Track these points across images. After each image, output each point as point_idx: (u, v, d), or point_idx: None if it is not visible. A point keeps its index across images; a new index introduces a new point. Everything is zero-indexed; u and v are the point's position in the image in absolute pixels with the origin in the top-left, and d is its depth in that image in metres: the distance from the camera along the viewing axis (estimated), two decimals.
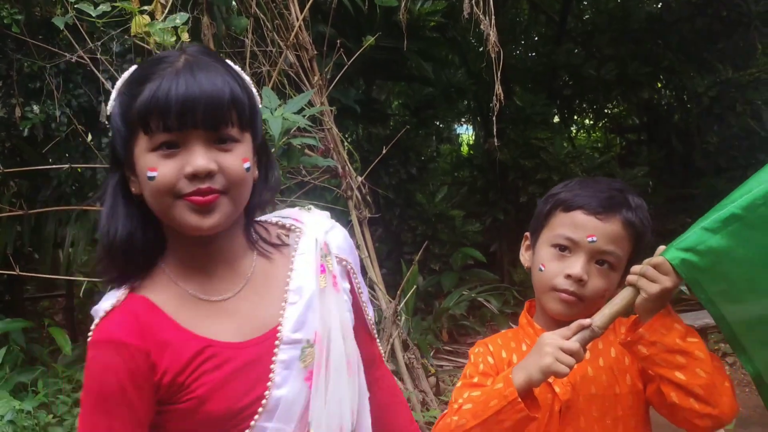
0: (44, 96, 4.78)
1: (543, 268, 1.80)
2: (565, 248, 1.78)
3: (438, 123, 10.81)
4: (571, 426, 1.76)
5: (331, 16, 5.51)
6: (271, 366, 1.45)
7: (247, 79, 1.51)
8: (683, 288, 1.75)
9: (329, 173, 5.49)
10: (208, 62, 1.42)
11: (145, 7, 3.76)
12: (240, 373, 1.44)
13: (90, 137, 5.07)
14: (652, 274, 1.61)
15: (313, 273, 1.51)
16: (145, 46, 3.75)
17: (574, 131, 13.18)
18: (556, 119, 10.67)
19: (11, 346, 5.14)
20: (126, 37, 4.19)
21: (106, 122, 4.73)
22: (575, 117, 12.82)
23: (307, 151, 4.90)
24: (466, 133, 12.91)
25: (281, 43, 5.04)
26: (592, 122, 13.44)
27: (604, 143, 12.53)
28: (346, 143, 5.52)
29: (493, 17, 4.20)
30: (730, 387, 1.67)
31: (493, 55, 4.12)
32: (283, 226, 1.57)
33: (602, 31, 9.72)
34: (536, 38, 12.27)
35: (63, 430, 4.47)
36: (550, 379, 1.72)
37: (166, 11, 4.01)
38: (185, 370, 1.41)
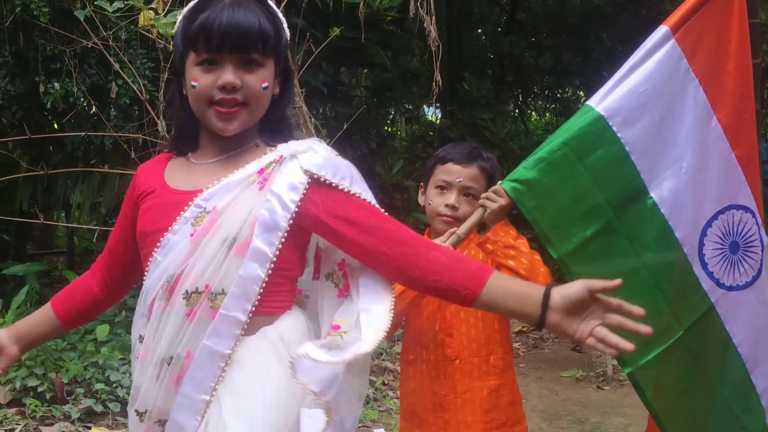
0: (63, 75, 5.30)
1: (431, 203, 2.44)
2: (443, 188, 2.42)
3: (395, 104, 11.29)
4: (454, 304, 2.28)
5: (303, 10, 6.12)
6: (177, 217, 1.70)
7: (280, 16, 1.76)
8: None
9: None
10: (248, 2, 1.70)
11: (151, 5, 4.35)
12: (159, 207, 1.76)
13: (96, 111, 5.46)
14: (493, 196, 2.29)
15: (250, 171, 1.71)
16: (149, 35, 4.26)
17: (533, 115, 13.73)
18: (511, 104, 11.25)
19: (31, 286, 5.70)
20: (132, 27, 4.69)
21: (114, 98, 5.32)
22: (529, 100, 13.46)
23: None
24: (434, 114, 13.40)
25: None
26: (544, 106, 14.08)
27: (554, 126, 13.18)
28: (313, 119, 6.14)
29: (433, 16, 4.83)
30: (546, 272, 2.31)
31: (433, 49, 4.74)
32: (274, 146, 1.76)
33: (543, 24, 10.42)
34: (488, 27, 12.87)
35: (75, 354, 4.94)
36: None
37: (167, 7, 4.60)
38: (141, 197, 1.81)
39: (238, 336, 1.66)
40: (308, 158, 1.69)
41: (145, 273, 1.75)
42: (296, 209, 1.67)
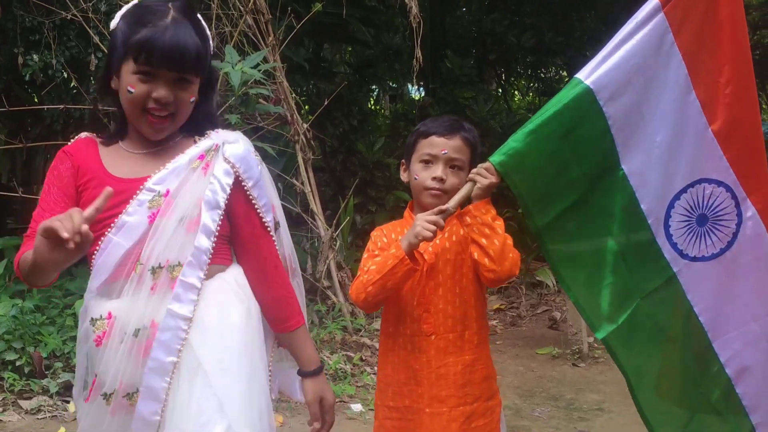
0: (42, 47, 5.24)
1: (417, 177, 2.43)
2: (428, 162, 2.42)
3: (378, 81, 11.30)
4: (433, 280, 2.39)
5: None
6: (130, 200, 1.90)
7: (208, 32, 1.99)
8: None
9: (280, 120, 6.09)
10: (187, 24, 1.88)
11: None
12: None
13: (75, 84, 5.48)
14: (484, 172, 2.29)
15: (190, 157, 1.95)
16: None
17: (516, 94, 13.70)
18: (494, 83, 11.21)
19: (10, 260, 5.52)
20: None
21: (93, 70, 5.27)
22: (512, 80, 13.45)
23: (261, 100, 5.53)
24: (418, 92, 13.38)
25: (241, 8, 5.64)
26: (527, 85, 14.06)
27: (537, 105, 13.18)
28: (294, 95, 6.14)
29: None
30: (514, 258, 2.33)
31: (414, 25, 4.76)
32: (204, 135, 2.01)
33: (527, 3, 10.41)
34: (472, 6, 12.83)
35: (54, 328, 4.97)
36: (422, 249, 2.35)
37: None
38: (83, 185, 1.94)
39: (196, 301, 1.91)
40: (232, 148, 1.99)
41: (95, 252, 1.91)
42: (229, 191, 1.96)
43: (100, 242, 1.89)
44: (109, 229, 1.89)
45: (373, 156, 8.71)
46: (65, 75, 5.34)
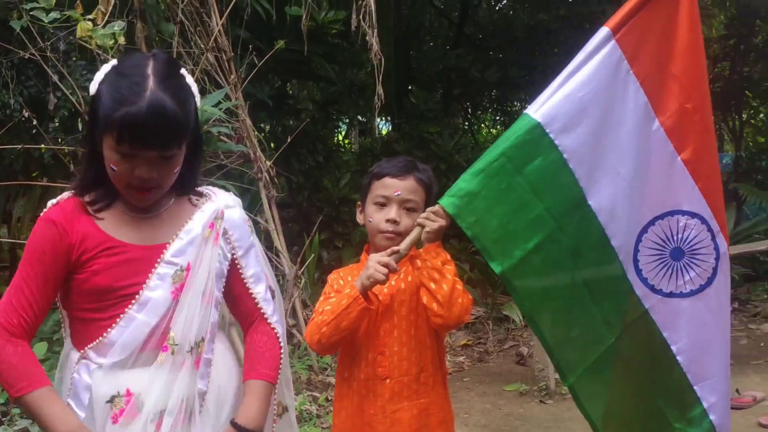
0: (0, 86, 5.17)
1: (371, 220, 2.41)
2: (382, 204, 2.39)
3: (345, 117, 11.36)
4: (388, 321, 2.37)
5: (245, 21, 5.98)
6: (150, 274, 1.86)
7: (193, 87, 1.88)
8: None
9: (243, 158, 6.06)
10: (168, 96, 1.75)
11: (89, 16, 4.27)
12: (126, 264, 1.85)
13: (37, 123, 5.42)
14: (432, 216, 2.27)
15: (203, 225, 1.93)
16: (88, 46, 4.22)
17: (484, 128, 13.76)
18: (460, 117, 11.26)
19: None
20: (71, 38, 4.54)
21: (52, 111, 5.20)
22: (478, 113, 13.52)
23: (223, 138, 5.49)
24: (386, 127, 13.42)
25: (203, 46, 5.62)
26: (493, 119, 14.15)
27: None
28: (256, 133, 6.10)
29: (375, 29, 4.85)
30: (464, 303, 2.28)
31: (375, 62, 4.76)
32: (200, 193, 2.00)
33: (491, 38, 10.52)
34: (438, 41, 12.95)
35: None
36: (377, 290, 2.32)
37: (106, 17, 4.54)
38: (89, 253, 1.84)
39: (210, 373, 1.96)
40: (230, 213, 1.99)
41: (112, 327, 1.86)
42: (230, 257, 1.98)
43: (119, 318, 1.85)
44: (130, 305, 1.86)
45: (339, 192, 8.71)
46: (24, 115, 5.26)
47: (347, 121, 12.63)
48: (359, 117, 11.81)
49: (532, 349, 6.34)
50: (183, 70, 1.90)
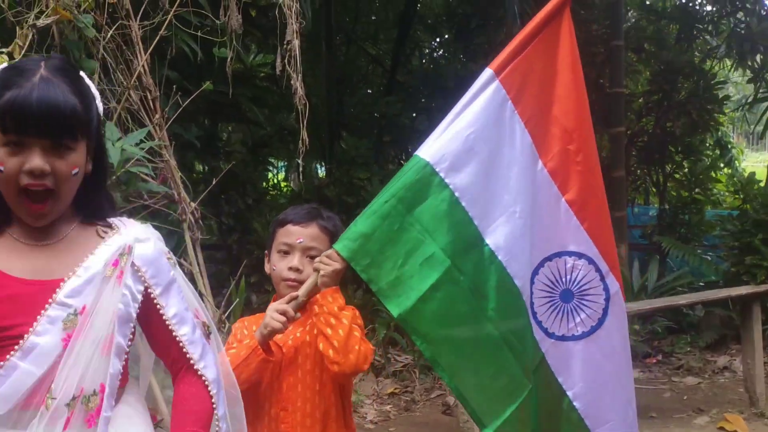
0: None
1: (275, 268, 2.35)
2: (286, 252, 2.35)
3: (279, 159, 11.30)
4: (292, 375, 2.28)
5: (173, 61, 5.94)
6: (38, 317, 1.61)
7: (93, 91, 1.72)
8: None
9: (168, 199, 5.92)
10: (60, 81, 1.61)
11: (3, 49, 4.15)
12: (7, 301, 1.62)
13: None
14: (326, 260, 2.22)
15: (104, 261, 1.69)
16: None
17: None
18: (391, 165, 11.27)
19: None
20: None
21: None
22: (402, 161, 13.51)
23: (147, 178, 5.35)
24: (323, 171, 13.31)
25: (125, 83, 5.50)
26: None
27: None
28: (180, 174, 5.96)
29: (300, 74, 4.79)
30: (362, 351, 2.19)
31: (299, 107, 4.70)
32: (110, 225, 1.77)
33: (423, 86, 10.60)
34: (373, 88, 13.03)
35: None
36: (282, 342, 2.26)
37: (23, 51, 4.40)
38: None
39: None
40: (141, 248, 1.74)
41: None
42: (142, 298, 1.73)
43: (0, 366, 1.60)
44: (12, 351, 1.60)
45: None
46: None
47: (286, 163, 12.53)
48: (298, 160, 11.72)
49: (457, 400, 6.27)
50: (83, 74, 1.75)
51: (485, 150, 2.30)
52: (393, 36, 11.91)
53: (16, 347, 1.61)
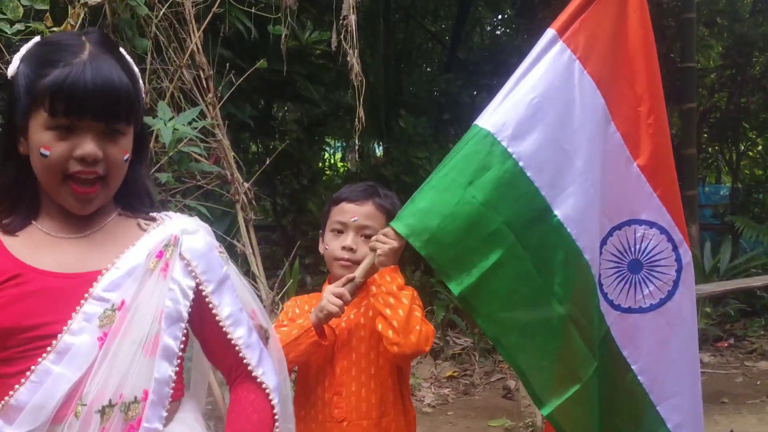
0: None
1: (328, 248, 2.28)
2: (339, 230, 2.27)
3: (337, 139, 11.23)
4: (346, 359, 2.20)
5: (226, 40, 5.91)
6: (73, 314, 1.45)
7: (137, 72, 1.55)
8: None
9: (221, 179, 5.89)
10: (109, 57, 1.47)
11: (55, 28, 4.12)
12: (37, 296, 1.45)
13: None
14: (383, 238, 2.12)
15: (147, 252, 1.53)
16: None
17: None
18: (450, 143, 11.16)
19: None
20: None
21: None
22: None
23: (199, 158, 5.32)
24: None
25: (178, 62, 5.46)
26: None
27: None
28: (233, 154, 5.93)
29: (356, 50, 4.67)
30: (423, 332, 2.09)
31: (356, 84, 4.57)
32: (152, 218, 1.61)
33: (483, 63, 10.39)
34: (432, 65, 12.86)
35: None
36: (335, 324, 2.18)
37: (76, 29, 4.38)
38: None
39: None
40: (190, 241, 1.57)
41: (20, 384, 1.43)
42: (193, 296, 1.54)
43: (29, 371, 1.42)
44: (45, 354, 1.42)
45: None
46: None
47: (343, 143, 12.49)
48: (355, 139, 11.65)
49: (518, 383, 6.11)
50: (123, 51, 1.57)
51: (551, 114, 2.14)
52: (453, 13, 11.72)
53: (48, 349, 1.43)
